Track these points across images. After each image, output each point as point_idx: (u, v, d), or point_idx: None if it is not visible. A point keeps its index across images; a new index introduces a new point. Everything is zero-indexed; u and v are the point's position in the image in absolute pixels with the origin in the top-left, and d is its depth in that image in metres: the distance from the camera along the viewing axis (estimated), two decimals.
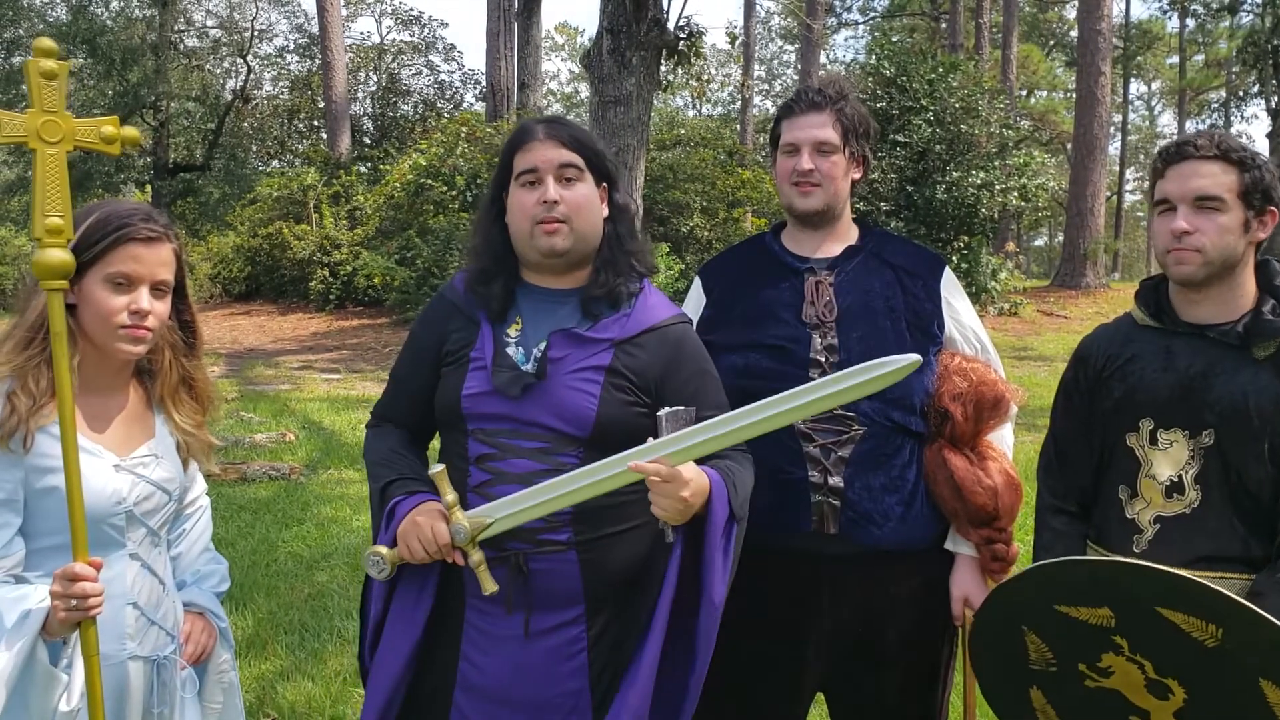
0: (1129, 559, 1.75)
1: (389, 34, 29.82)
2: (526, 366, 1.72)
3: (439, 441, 1.88)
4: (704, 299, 2.19)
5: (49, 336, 1.55)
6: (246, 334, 15.53)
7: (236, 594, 4.33)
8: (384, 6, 29.82)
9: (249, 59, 27.00)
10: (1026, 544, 2.95)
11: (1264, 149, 18.45)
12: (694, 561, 1.65)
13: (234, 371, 11.64)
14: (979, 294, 15.18)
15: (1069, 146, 23.30)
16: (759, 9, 34.05)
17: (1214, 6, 31.60)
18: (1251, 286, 1.81)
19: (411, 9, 29.44)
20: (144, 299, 1.62)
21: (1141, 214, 47.69)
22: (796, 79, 34.47)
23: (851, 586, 2.00)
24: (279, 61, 28.45)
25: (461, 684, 1.74)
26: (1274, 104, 20.84)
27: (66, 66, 1.52)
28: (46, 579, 1.56)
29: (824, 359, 1.99)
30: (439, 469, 1.67)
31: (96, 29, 23.10)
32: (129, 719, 1.68)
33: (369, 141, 24.42)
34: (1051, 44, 39.02)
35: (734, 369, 2.04)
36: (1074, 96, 22.11)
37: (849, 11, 37.86)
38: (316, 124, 26.44)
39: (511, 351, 1.74)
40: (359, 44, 28.02)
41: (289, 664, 3.66)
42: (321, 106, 23.90)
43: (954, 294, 2.14)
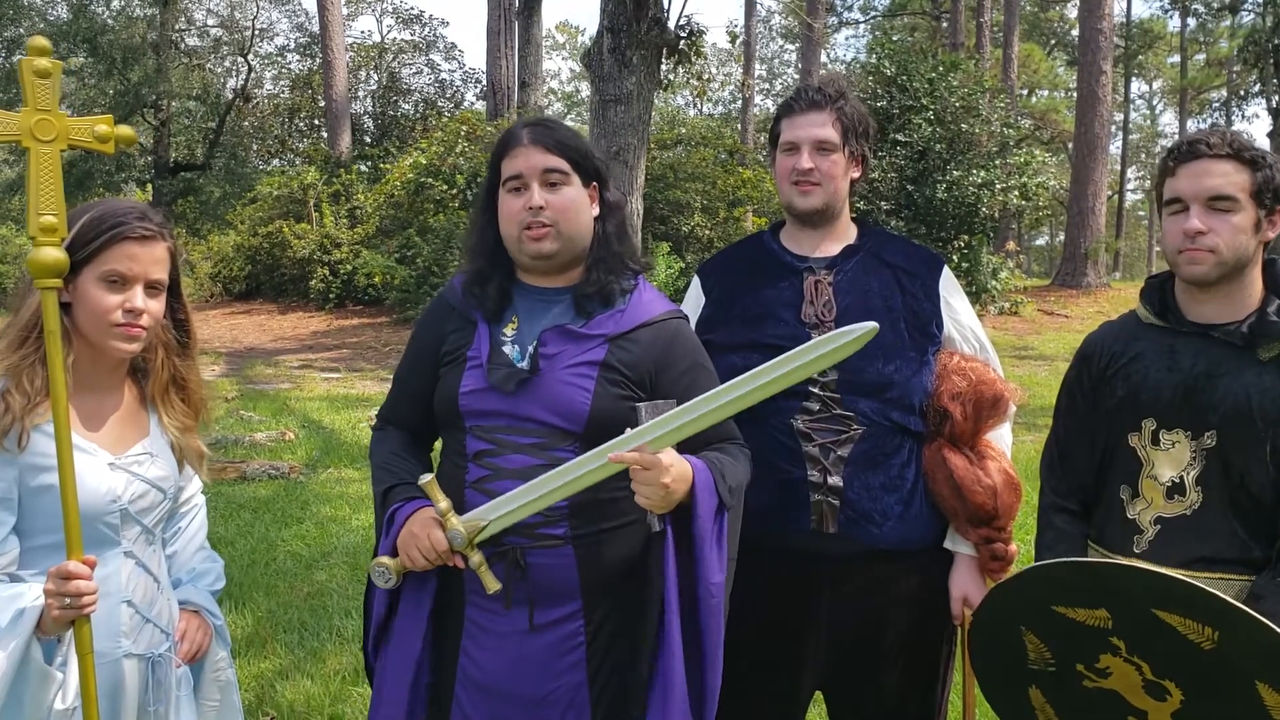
0: (1125, 561, 1.74)
1: (390, 33, 29.84)
2: (521, 364, 1.74)
3: (441, 443, 1.90)
4: (703, 298, 2.19)
5: (43, 335, 1.55)
6: (246, 333, 15.53)
7: (236, 593, 4.33)
8: (385, 5, 29.84)
9: (250, 58, 27.01)
10: (1026, 543, 2.93)
11: (1265, 148, 18.38)
12: (688, 551, 1.67)
13: (234, 370, 11.64)
14: (980, 293, 15.17)
15: (1070, 145, 23.28)
16: (760, 8, 34.08)
17: (1215, 6, 31.58)
18: (1258, 286, 1.80)
19: (412, 8, 29.54)
20: (138, 297, 1.62)
21: (1143, 213, 47.68)
22: (797, 78, 34.47)
23: (851, 586, 2.00)
24: (280, 60, 28.47)
25: (462, 679, 1.76)
26: (1275, 103, 20.82)
27: (60, 65, 1.53)
28: (42, 577, 1.56)
29: None
30: (428, 478, 1.70)
31: (97, 28, 23.10)
32: (124, 716, 1.68)
33: (369, 140, 24.43)
34: (1053, 43, 39.01)
35: (733, 368, 2.02)
36: (1075, 95, 22.09)
37: (850, 11, 37.86)
38: (317, 123, 26.44)
39: (507, 349, 1.76)
40: (360, 43, 28.02)
41: (288, 663, 3.66)
42: (322, 105, 23.90)
43: (952, 293, 2.14)
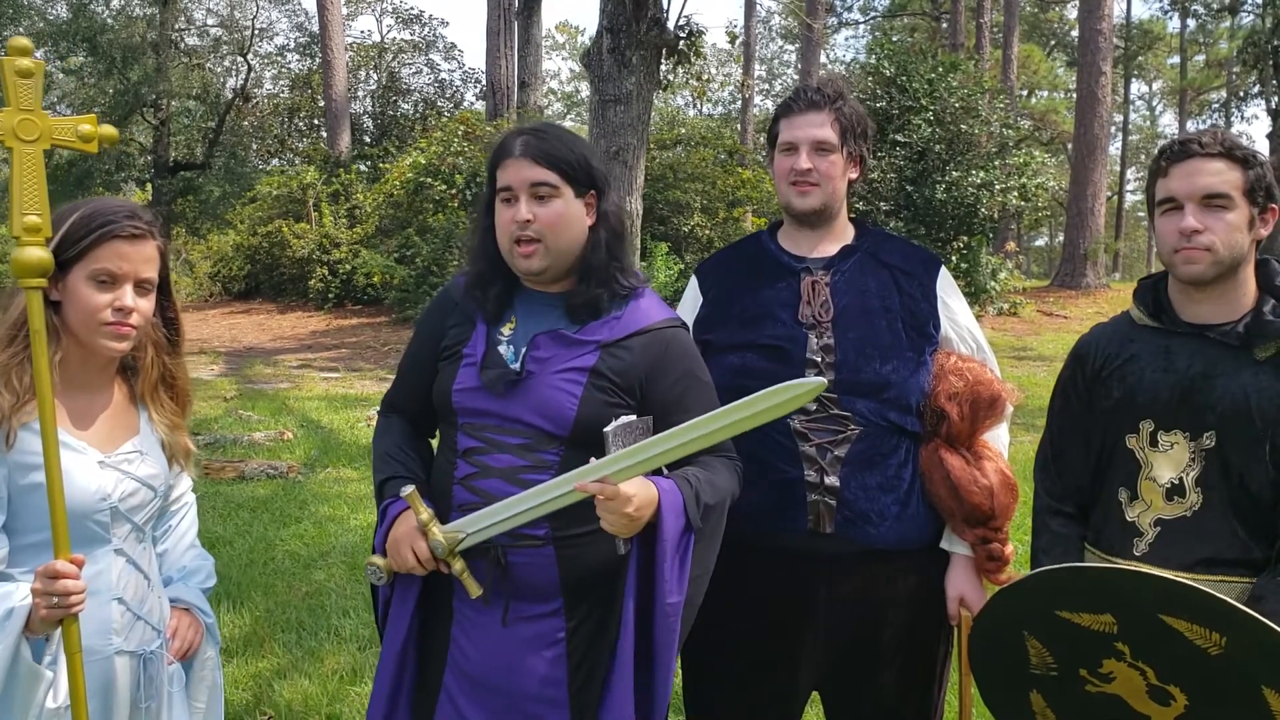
0: (1133, 566, 1.74)
1: (389, 33, 29.82)
2: (514, 365, 1.77)
3: (438, 434, 1.94)
4: (700, 298, 2.19)
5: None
6: (246, 332, 15.52)
7: (234, 592, 4.32)
8: (384, 5, 29.82)
9: (249, 57, 26.99)
10: (1023, 544, 2.93)
11: (1264, 149, 18.44)
12: (649, 570, 1.69)
13: (233, 370, 11.63)
14: (979, 294, 15.17)
15: (1069, 146, 23.28)
16: (759, 8, 34.08)
17: (1214, 7, 31.60)
18: (1252, 286, 1.80)
19: (412, 8, 29.52)
20: (128, 296, 1.62)
21: (1142, 214, 47.64)
22: (797, 78, 34.47)
23: (848, 586, 1.99)
24: (279, 60, 28.45)
25: (451, 667, 1.81)
26: (1274, 104, 20.82)
27: (42, 65, 1.53)
28: (30, 577, 1.56)
29: (820, 359, 1.98)
30: (409, 490, 1.74)
31: (97, 27, 23.08)
32: (116, 713, 1.68)
33: (369, 140, 24.42)
34: (1052, 44, 39.01)
35: (730, 368, 2.03)
36: (1074, 96, 22.09)
37: (849, 11, 37.86)
38: (316, 122, 26.43)
39: (503, 350, 1.79)
40: (359, 42, 28.01)
41: (286, 662, 3.66)
42: (321, 105, 23.89)
43: (950, 294, 2.13)
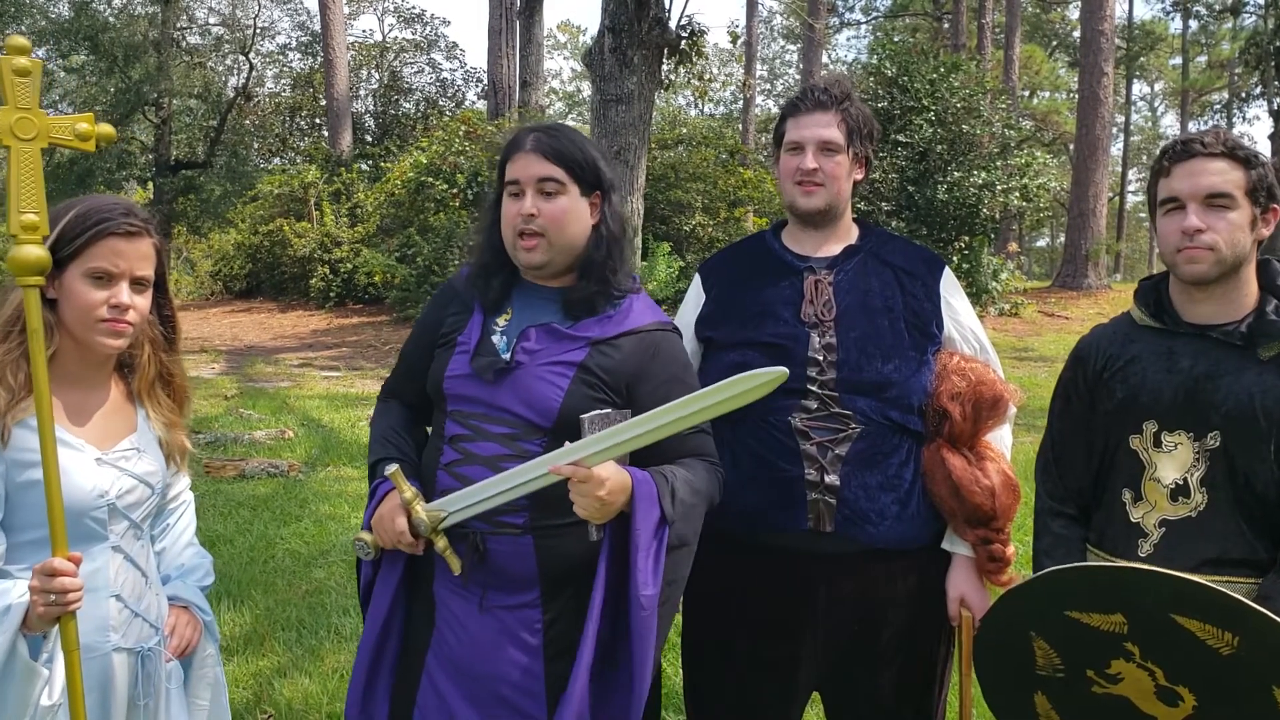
0: (1145, 565, 1.73)
1: (391, 32, 29.84)
2: (506, 355, 1.80)
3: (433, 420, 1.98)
4: (703, 296, 2.18)
5: (26, 331, 1.55)
6: (247, 331, 15.53)
7: (234, 591, 4.32)
8: (386, 4, 29.85)
9: (251, 56, 26.99)
10: (1024, 545, 2.93)
11: (1266, 150, 18.44)
12: (622, 561, 1.71)
13: (234, 368, 11.64)
14: (980, 294, 15.16)
15: (1071, 147, 23.28)
16: (761, 8, 34.07)
17: (1217, 8, 31.58)
18: (1254, 286, 1.79)
19: (414, 7, 29.53)
20: (124, 293, 1.63)
21: (1144, 215, 47.62)
22: (798, 79, 34.47)
23: (848, 585, 1.99)
24: (281, 59, 28.45)
25: (433, 651, 1.84)
26: (1276, 105, 20.82)
27: (40, 64, 1.53)
28: (27, 574, 1.56)
29: (822, 358, 1.98)
30: (393, 468, 1.78)
31: (99, 26, 23.08)
32: (114, 710, 1.68)
33: (370, 139, 24.42)
34: (1054, 44, 39.00)
35: (732, 367, 2.02)
36: (1076, 97, 22.08)
37: (851, 11, 37.85)
38: (318, 121, 26.43)
39: (496, 340, 1.83)
40: (361, 41, 28.01)
41: (286, 661, 3.66)
42: (323, 104, 23.90)
43: (953, 294, 2.13)
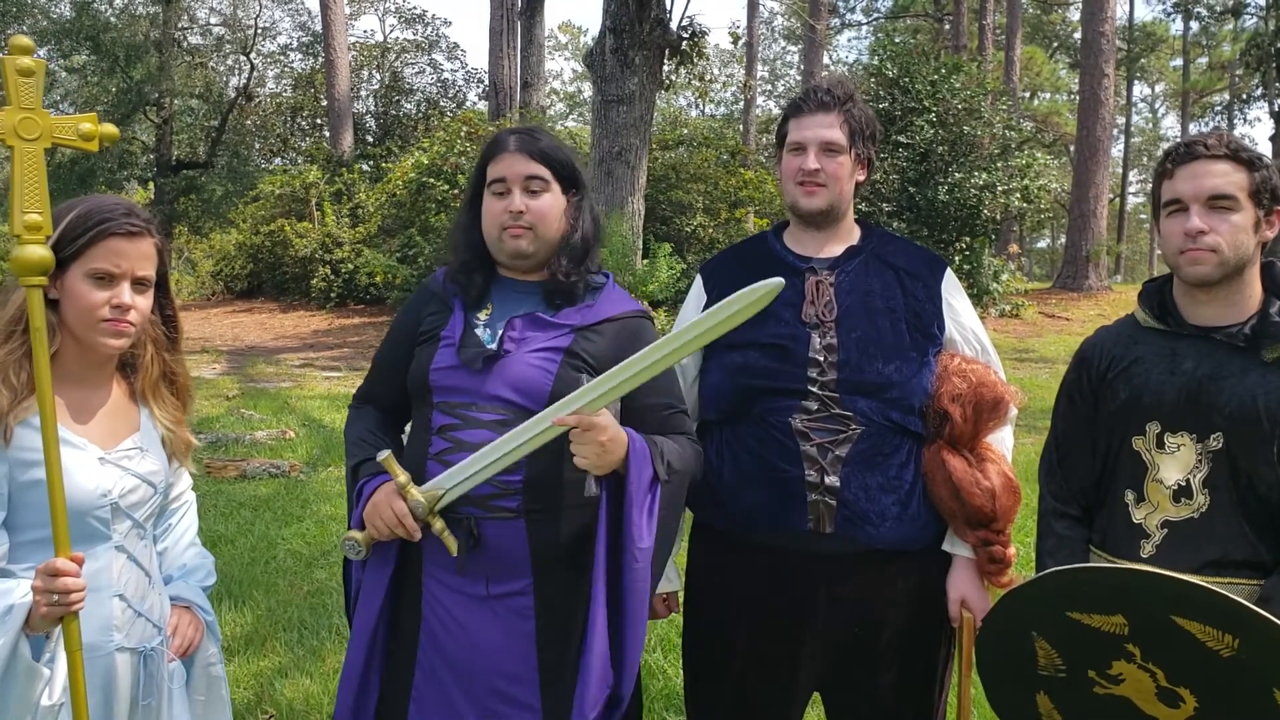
0: (1146, 566, 1.73)
1: (392, 32, 29.89)
2: (491, 346, 1.86)
3: (412, 419, 2.00)
4: (705, 297, 2.18)
5: (28, 331, 1.56)
6: (248, 331, 15.53)
7: (235, 591, 4.32)
8: (387, 5, 29.86)
9: (252, 56, 27.01)
10: (1025, 546, 2.92)
11: (1267, 151, 18.43)
12: (618, 515, 1.77)
13: (235, 369, 11.64)
14: (981, 295, 15.16)
15: (1072, 148, 23.28)
16: (762, 9, 34.07)
17: (1218, 9, 31.57)
18: (1257, 287, 1.79)
19: (415, 7, 29.54)
20: (126, 293, 1.63)
21: (1144, 217, 47.64)
22: (800, 79, 34.47)
23: (848, 586, 1.99)
24: (282, 59, 28.48)
25: (424, 644, 1.87)
26: (1277, 107, 20.82)
27: (43, 64, 1.54)
28: (30, 573, 1.56)
29: (823, 358, 1.97)
30: (385, 454, 1.80)
31: (100, 26, 23.11)
32: (117, 710, 1.68)
33: (371, 140, 24.43)
34: (1055, 46, 39.00)
35: (733, 367, 2.03)
36: (1077, 98, 22.08)
37: (852, 12, 37.86)
38: (319, 122, 26.44)
39: (479, 332, 1.89)
40: (362, 42, 28.03)
41: (288, 661, 3.66)
42: (324, 104, 23.91)
43: (955, 295, 2.13)
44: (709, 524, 2.10)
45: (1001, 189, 14.69)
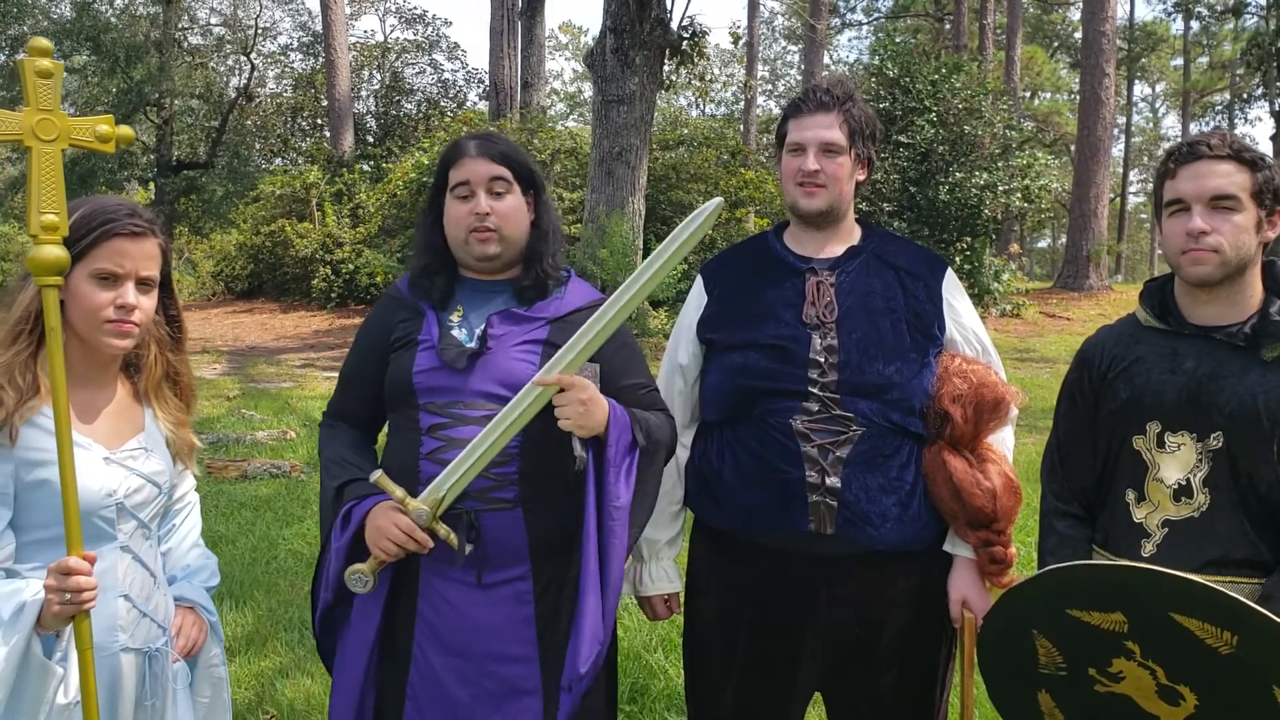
0: (1143, 564, 1.73)
1: (392, 32, 29.89)
2: (470, 344, 1.90)
3: (389, 426, 2.02)
4: (705, 297, 2.18)
5: (35, 331, 1.57)
6: (248, 331, 15.54)
7: (237, 591, 4.33)
8: (388, 5, 29.86)
9: (253, 57, 27.02)
10: (1026, 546, 2.91)
11: (1268, 151, 18.43)
12: (599, 477, 1.84)
13: (236, 369, 11.65)
14: (982, 295, 15.16)
15: (1072, 148, 23.28)
16: (762, 9, 34.06)
17: (1218, 9, 31.56)
18: (1258, 287, 1.80)
19: (415, 7, 29.55)
20: (130, 294, 1.63)
21: (1145, 216, 47.64)
22: (800, 79, 34.47)
23: (849, 587, 1.99)
24: (283, 59, 28.50)
25: (420, 638, 1.89)
26: (1278, 106, 20.81)
27: (61, 66, 1.55)
28: (37, 572, 1.56)
29: (823, 359, 1.97)
30: (378, 474, 1.82)
31: (100, 26, 23.13)
32: (122, 710, 1.69)
33: (372, 140, 24.44)
34: (1055, 45, 38.99)
35: (733, 368, 2.03)
36: (1078, 98, 22.07)
37: (853, 12, 37.86)
38: (320, 122, 26.45)
39: (456, 333, 1.93)
40: (362, 42, 28.04)
41: (289, 661, 3.66)
42: (325, 105, 23.92)
43: (955, 295, 2.13)
44: (710, 524, 2.10)
45: (1002, 189, 14.69)
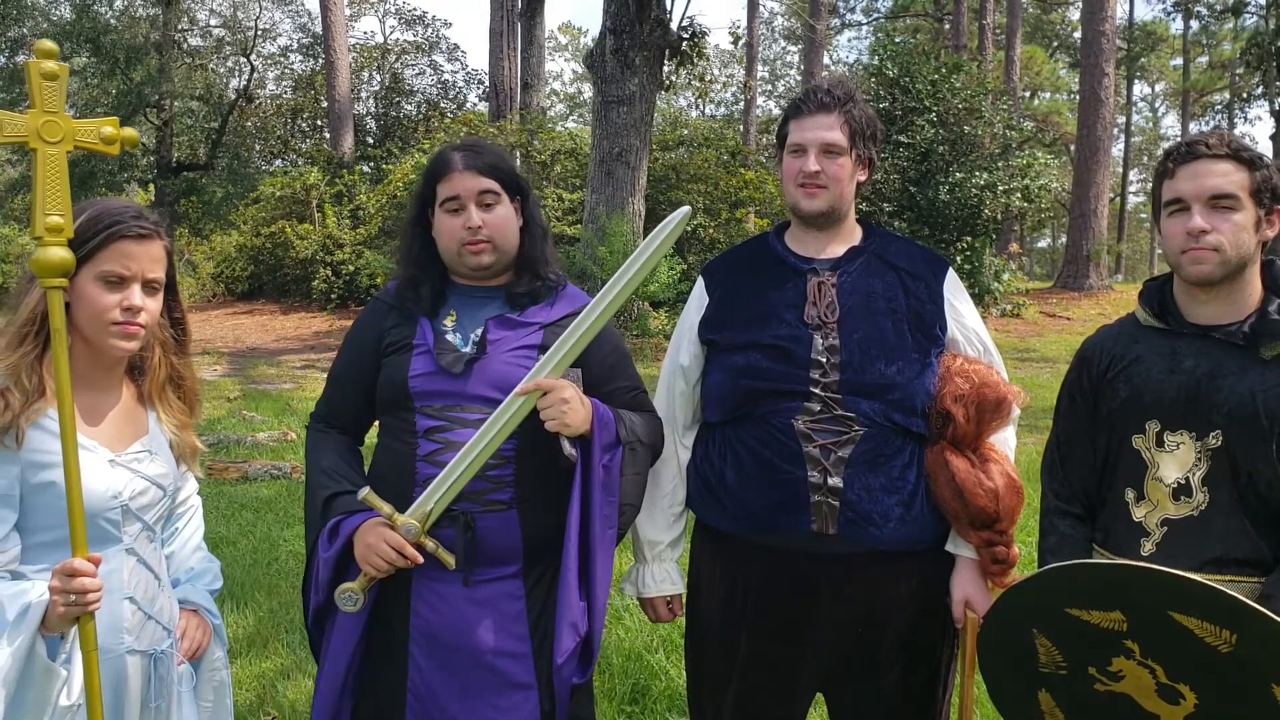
0: (1141, 562, 1.73)
1: (392, 33, 29.89)
2: (465, 349, 1.93)
3: (379, 429, 2.04)
4: (706, 298, 2.18)
5: (41, 334, 1.57)
6: (249, 333, 15.54)
7: (237, 592, 4.33)
8: (387, 6, 29.87)
9: (252, 58, 27.03)
10: (1028, 545, 2.93)
11: (1268, 150, 18.44)
12: (585, 470, 1.89)
13: (236, 370, 11.65)
14: (982, 295, 15.17)
15: (1072, 148, 23.28)
16: (762, 9, 34.07)
17: (1218, 8, 31.57)
18: (1257, 286, 1.80)
19: (415, 8, 29.51)
20: (136, 296, 1.63)
21: (1145, 216, 47.62)
22: (800, 80, 34.48)
23: (851, 587, 1.99)
24: (282, 61, 28.50)
25: (415, 638, 1.91)
26: (1278, 106, 20.81)
27: (67, 68, 1.54)
28: (42, 574, 1.57)
29: (825, 360, 1.97)
30: (366, 491, 1.83)
31: (100, 28, 23.14)
32: (127, 712, 1.69)
33: (372, 141, 24.45)
34: (1055, 45, 38.99)
35: (735, 368, 2.03)
36: (1077, 98, 22.07)
37: (852, 12, 37.87)
38: (320, 123, 26.45)
39: (450, 338, 1.96)
40: (362, 43, 28.05)
41: (289, 662, 3.66)
42: (325, 106, 23.93)
43: (957, 295, 2.13)
44: (711, 525, 2.10)
45: (1002, 188, 14.70)
